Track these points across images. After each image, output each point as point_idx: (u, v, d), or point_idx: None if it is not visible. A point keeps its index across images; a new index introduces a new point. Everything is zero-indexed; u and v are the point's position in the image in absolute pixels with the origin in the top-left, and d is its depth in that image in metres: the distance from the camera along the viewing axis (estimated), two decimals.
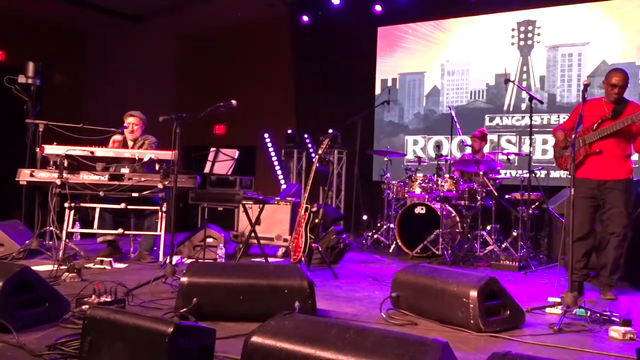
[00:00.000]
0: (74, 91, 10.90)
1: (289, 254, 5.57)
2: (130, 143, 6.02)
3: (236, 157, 6.39)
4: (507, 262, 6.05)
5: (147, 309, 3.50)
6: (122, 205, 5.43)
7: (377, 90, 10.03)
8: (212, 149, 6.42)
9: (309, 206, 5.29)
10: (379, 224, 7.87)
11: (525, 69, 8.79)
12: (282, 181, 10.21)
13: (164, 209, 5.47)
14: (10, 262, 4.71)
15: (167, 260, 4.38)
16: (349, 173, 9.42)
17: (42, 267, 4.71)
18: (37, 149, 5.66)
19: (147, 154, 5.43)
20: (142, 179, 5.41)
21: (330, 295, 4.26)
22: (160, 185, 5.38)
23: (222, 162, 6.37)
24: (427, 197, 7.02)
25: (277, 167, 10.31)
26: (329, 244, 5.84)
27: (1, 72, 6.39)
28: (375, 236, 7.67)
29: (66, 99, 10.23)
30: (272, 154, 10.42)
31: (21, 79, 6.42)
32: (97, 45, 11.69)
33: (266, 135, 10.54)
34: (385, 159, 8.00)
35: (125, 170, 5.46)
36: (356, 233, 8.35)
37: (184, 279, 3.32)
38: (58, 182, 5.23)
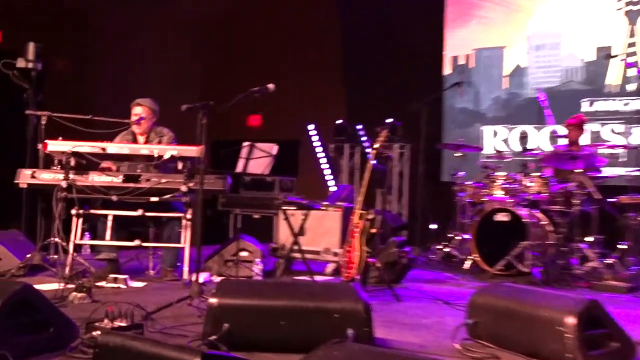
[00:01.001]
0: (80, 77, 11.06)
1: (339, 271, 5.59)
2: (140, 139, 6.06)
3: (274, 153, 6.41)
4: (613, 282, 5.90)
5: (170, 336, 3.53)
6: (139, 212, 5.48)
7: (447, 70, 9.92)
8: (245, 144, 6.43)
9: (364, 212, 5.29)
10: (450, 235, 7.77)
11: (633, 40, 8.54)
12: (331, 182, 10.18)
13: (188, 216, 5.50)
14: (9, 280, 4.89)
15: (193, 278, 4.38)
16: (413, 172, 9.28)
17: (46, 286, 4.76)
18: (39, 145, 5.74)
19: (168, 150, 5.48)
20: (163, 181, 5.46)
21: (391, 321, 4.24)
22: (184, 188, 5.41)
23: (258, 160, 6.39)
24: (510, 201, 6.90)
25: (325, 165, 10.26)
26: (389, 259, 5.82)
27: None
28: (446, 249, 7.58)
29: (72, 86, 10.36)
30: (319, 149, 10.38)
31: (20, 63, 6.50)
32: (108, 23, 11.87)
33: (311, 126, 10.50)
34: (458, 154, 7.90)
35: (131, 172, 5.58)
36: (422, 246, 8.25)
37: (213, 300, 3.34)
38: (64, 184, 5.29)
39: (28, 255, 5.67)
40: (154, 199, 5.46)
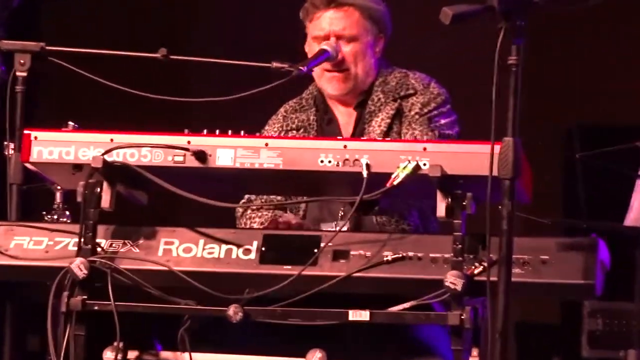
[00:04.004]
0: None
1: None
2: (342, 117, 2.80)
3: None
4: None
5: None
6: None
7: None
8: None
9: None
10: None
11: None
12: None
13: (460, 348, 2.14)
14: None
15: None
16: None
17: None
18: (9, 147, 2.43)
19: (419, 156, 2.02)
20: (388, 256, 2.08)
21: None
22: (452, 280, 1.95)
23: None
24: None
25: None
26: None
27: None
28: None
29: None
30: None
31: None
32: None
33: None
34: None
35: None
36: None
37: None
38: (79, 270, 2.01)
39: None
40: (362, 316, 2.07)
